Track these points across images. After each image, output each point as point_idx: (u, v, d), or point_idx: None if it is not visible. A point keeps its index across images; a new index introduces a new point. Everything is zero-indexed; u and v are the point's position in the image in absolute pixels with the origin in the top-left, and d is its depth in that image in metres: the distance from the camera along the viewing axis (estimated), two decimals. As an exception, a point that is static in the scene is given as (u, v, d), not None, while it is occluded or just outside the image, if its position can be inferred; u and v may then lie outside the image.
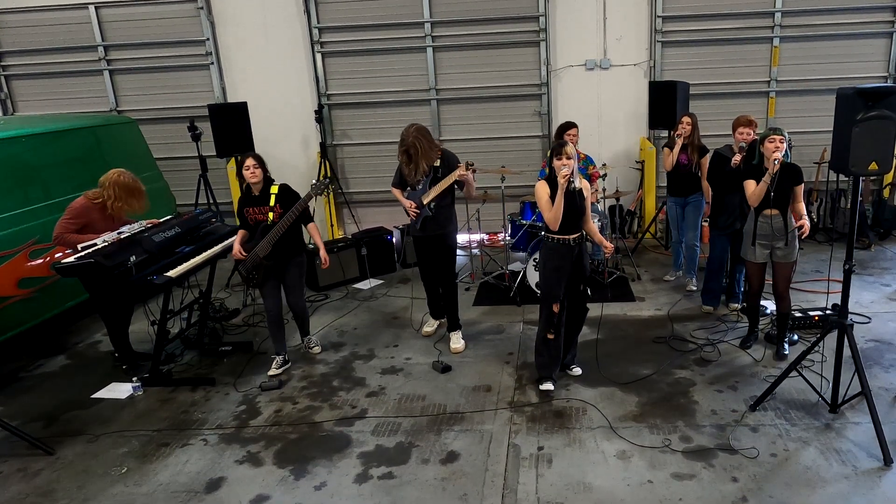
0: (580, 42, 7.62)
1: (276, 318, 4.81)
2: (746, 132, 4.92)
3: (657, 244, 7.60)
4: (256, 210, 4.68)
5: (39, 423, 4.35)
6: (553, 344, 4.31)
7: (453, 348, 5.09)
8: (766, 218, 4.36)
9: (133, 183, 4.73)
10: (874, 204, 7.48)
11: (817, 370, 4.16)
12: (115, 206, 4.67)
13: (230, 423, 4.21)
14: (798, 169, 4.35)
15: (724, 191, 5.09)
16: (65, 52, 8.07)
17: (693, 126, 5.60)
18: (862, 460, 3.45)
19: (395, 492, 3.43)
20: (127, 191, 4.68)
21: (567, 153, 3.98)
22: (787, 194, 4.30)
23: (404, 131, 4.71)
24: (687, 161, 5.64)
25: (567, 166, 3.96)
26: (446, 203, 4.88)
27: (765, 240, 4.40)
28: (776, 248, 4.40)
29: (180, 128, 7.34)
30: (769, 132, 4.25)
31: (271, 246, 4.59)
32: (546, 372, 4.37)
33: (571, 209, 4.07)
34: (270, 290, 4.76)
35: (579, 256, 4.20)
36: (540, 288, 4.39)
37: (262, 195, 4.67)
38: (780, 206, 4.31)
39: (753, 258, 4.48)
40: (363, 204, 8.31)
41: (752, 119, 4.99)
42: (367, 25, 7.77)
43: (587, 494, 3.33)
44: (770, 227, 4.35)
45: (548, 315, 4.26)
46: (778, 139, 4.18)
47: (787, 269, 4.43)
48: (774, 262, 4.46)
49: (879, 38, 7.41)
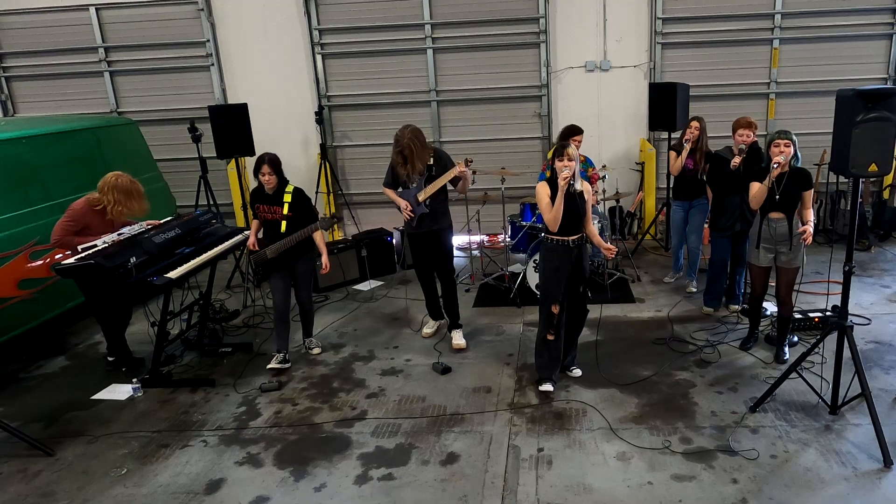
0: (580, 44, 7.63)
1: (283, 315, 4.86)
2: (746, 134, 4.90)
3: (657, 246, 7.60)
4: (267, 209, 4.78)
5: (39, 423, 4.35)
6: (553, 345, 4.31)
7: (455, 344, 5.09)
8: (772, 221, 4.34)
9: (131, 185, 4.70)
10: (874, 205, 7.48)
11: (817, 372, 4.17)
12: (116, 210, 4.65)
13: (230, 424, 4.21)
14: (807, 174, 4.28)
15: (724, 192, 5.08)
16: (65, 53, 8.09)
17: (702, 131, 5.57)
18: (862, 462, 3.45)
19: (394, 493, 3.43)
20: (126, 193, 4.66)
21: (569, 155, 4.00)
22: (795, 199, 4.27)
23: (399, 132, 4.75)
24: (693, 166, 5.61)
25: (568, 168, 3.98)
26: (441, 200, 4.93)
27: (769, 243, 4.38)
28: (780, 253, 4.39)
29: (181, 129, 7.33)
30: (776, 136, 4.21)
31: (279, 253, 4.74)
32: (546, 373, 4.38)
33: (572, 211, 4.08)
34: (279, 285, 4.83)
35: (579, 258, 4.20)
36: (539, 289, 4.40)
37: (274, 195, 4.76)
38: (786, 211, 4.29)
39: (757, 261, 4.47)
40: (363, 205, 8.32)
41: (752, 121, 4.97)
42: (367, 27, 7.79)
43: (587, 496, 3.32)
44: (774, 231, 4.33)
45: (547, 316, 4.26)
46: (783, 143, 4.15)
47: (791, 274, 4.40)
48: (778, 266, 4.44)
49: (879, 39, 7.41)
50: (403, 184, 4.91)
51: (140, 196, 4.76)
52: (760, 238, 4.40)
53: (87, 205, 4.67)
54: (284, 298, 4.86)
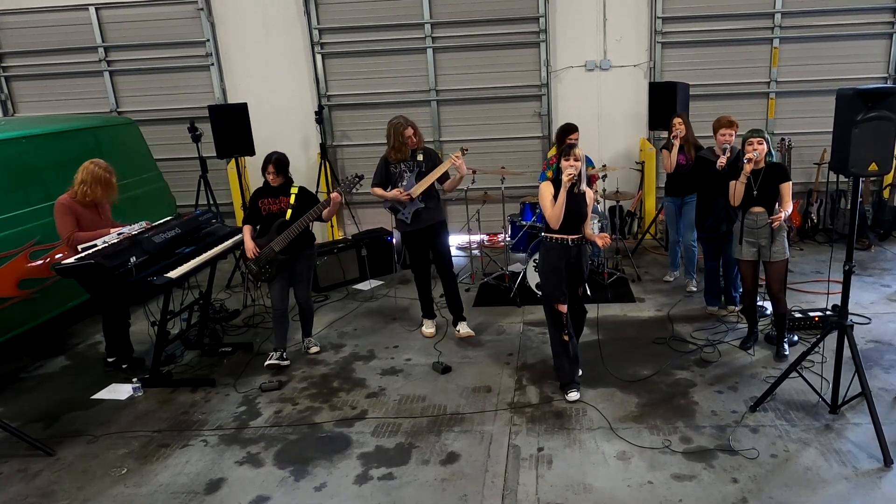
0: (580, 43, 7.63)
1: (282, 314, 4.86)
2: (728, 133, 4.91)
3: (657, 245, 7.60)
4: (272, 201, 4.79)
5: (39, 423, 4.35)
6: (569, 345, 4.24)
7: (464, 333, 5.15)
8: (752, 215, 4.47)
9: (101, 172, 4.66)
10: (874, 205, 7.48)
11: (817, 371, 4.17)
12: (81, 189, 4.63)
13: (230, 423, 4.21)
14: (783, 167, 4.49)
15: (710, 194, 5.08)
16: (65, 53, 8.08)
17: (686, 125, 5.62)
18: (862, 461, 3.45)
19: (394, 493, 3.43)
20: (94, 178, 4.63)
21: (576, 155, 4.01)
22: (773, 193, 4.41)
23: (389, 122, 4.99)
24: (686, 161, 5.64)
25: (574, 167, 3.99)
26: (433, 194, 5.05)
27: (751, 237, 4.49)
28: (762, 247, 4.47)
29: (180, 129, 7.33)
30: (749, 134, 4.38)
31: (288, 242, 4.69)
32: (567, 377, 4.27)
33: (573, 210, 4.08)
34: (277, 284, 4.83)
35: (577, 257, 4.19)
36: (541, 290, 4.39)
37: (280, 188, 4.80)
38: (765, 205, 4.42)
39: (741, 256, 4.58)
40: (363, 205, 8.31)
41: (733, 120, 4.98)
42: (367, 26, 7.78)
43: (587, 495, 3.32)
44: (755, 224, 4.45)
45: (553, 317, 4.22)
46: (756, 141, 4.32)
47: (778, 268, 4.48)
48: (765, 262, 4.53)
49: (879, 38, 7.41)
50: (394, 183, 4.98)
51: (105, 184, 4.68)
52: (743, 233, 4.52)
53: (69, 198, 4.67)
54: (283, 297, 4.86)
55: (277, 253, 4.72)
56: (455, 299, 5.22)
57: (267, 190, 4.83)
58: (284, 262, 4.78)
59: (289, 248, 4.75)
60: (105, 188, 4.69)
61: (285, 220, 4.73)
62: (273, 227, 4.76)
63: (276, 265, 4.77)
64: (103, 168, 4.70)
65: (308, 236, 4.89)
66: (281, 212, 4.77)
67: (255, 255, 4.76)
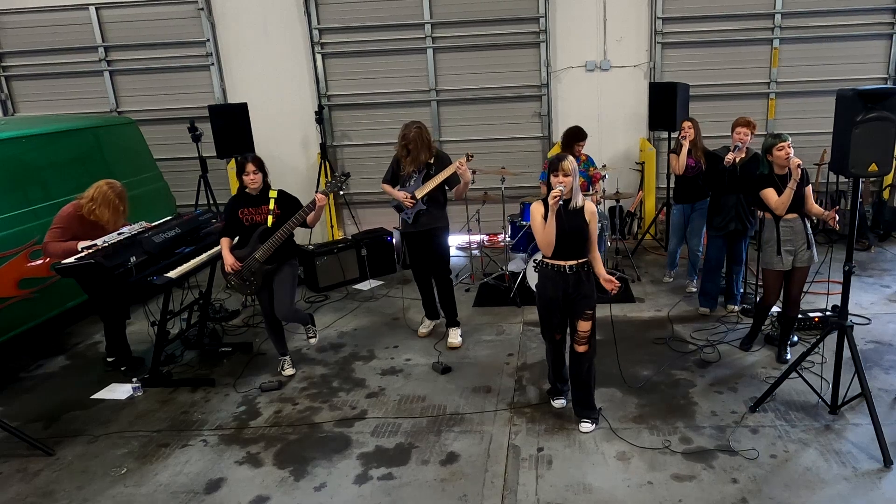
0: (580, 43, 7.63)
1: (274, 323, 4.78)
2: (744, 132, 4.98)
3: (657, 245, 7.60)
4: (253, 211, 4.52)
5: (39, 423, 4.35)
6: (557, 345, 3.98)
7: (451, 343, 5.11)
8: (788, 223, 4.34)
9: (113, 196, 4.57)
10: (874, 205, 7.48)
11: (817, 371, 4.17)
12: (88, 206, 4.54)
13: (230, 423, 4.21)
14: (806, 172, 4.35)
15: (720, 191, 5.10)
16: (65, 52, 8.07)
17: (696, 129, 5.60)
18: (862, 462, 3.45)
19: (394, 493, 3.43)
20: (104, 199, 4.54)
21: (564, 170, 3.47)
22: (801, 197, 4.32)
23: (405, 127, 4.83)
24: (695, 164, 5.63)
25: (563, 184, 3.47)
26: (438, 199, 4.98)
27: (790, 245, 4.37)
28: (799, 252, 4.38)
29: (181, 128, 7.33)
30: (776, 140, 4.24)
31: (272, 251, 4.46)
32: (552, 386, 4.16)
33: (570, 231, 3.58)
34: (266, 293, 4.66)
35: (577, 286, 3.64)
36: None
37: (260, 196, 4.54)
38: (797, 210, 4.34)
39: (781, 266, 4.38)
40: (363, 205, 8.31)
41: (751, 120, 5.04)
42: (367, 26, 7.78)
43: (587, 495, 3.32)
44: (793, 232, 4.34)
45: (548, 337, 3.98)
46: (786, 145, 4.20)
47: (805, 273, 4.44)
48: (795, 267, 4.41)
49: (879, 39, 7.41)
50: (402, 182, 4.95)
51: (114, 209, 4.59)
52: (780, 242, 4.35)
53: (74, 211, 4.58)
54: (271, 303, 4.69)
55: (262, 263, 4.48)
56: (448, 303, 5.17)
57: (245, 198, 4.53)
58: (269, 271, 4.55)
59: (273, 258, 4.50)
60: (113, 213, 4.58)
61: (267, 228, 4.47)
62: (254, 236, 4.49)
63: (260, 276, 4.52)
64: (116, 192, 4.59)
65: (291, 247, 4.65)
66: (260, 224, 4.51)
67: (234, 269, 4.50)
